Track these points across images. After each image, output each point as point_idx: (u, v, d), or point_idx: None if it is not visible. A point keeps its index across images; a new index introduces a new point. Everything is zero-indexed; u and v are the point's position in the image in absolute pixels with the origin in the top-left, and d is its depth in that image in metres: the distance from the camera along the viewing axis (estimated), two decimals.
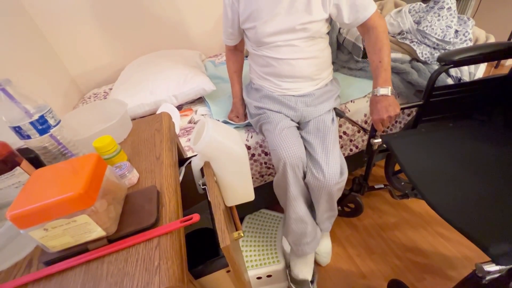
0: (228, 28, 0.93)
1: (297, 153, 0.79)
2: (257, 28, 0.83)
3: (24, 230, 0.32)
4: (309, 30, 0.82)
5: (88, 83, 1.54)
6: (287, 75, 0.89)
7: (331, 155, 0.79)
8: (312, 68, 0.88)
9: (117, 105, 0.66)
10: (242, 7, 0.84)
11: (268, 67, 0.90)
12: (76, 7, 1.31)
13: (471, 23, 1.06)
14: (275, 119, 0.87)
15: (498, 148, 0.78)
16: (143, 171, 0.51)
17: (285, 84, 0.91)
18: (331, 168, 0.78)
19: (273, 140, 0.83)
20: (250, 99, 0.99)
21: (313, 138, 0.84)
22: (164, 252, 0.36)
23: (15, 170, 0.43)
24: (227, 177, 0.54)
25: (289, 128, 0.86)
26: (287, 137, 0.82)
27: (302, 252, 0.91)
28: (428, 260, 1.01)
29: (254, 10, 0.82)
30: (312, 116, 0.89)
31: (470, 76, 1.06)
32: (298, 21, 0.80)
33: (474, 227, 0.58)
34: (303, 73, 0.88)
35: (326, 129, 0.85)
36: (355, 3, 0.79)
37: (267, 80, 0.93)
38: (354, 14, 0.80)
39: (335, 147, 0.82)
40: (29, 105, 0.43)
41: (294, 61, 0.86)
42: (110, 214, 0.38)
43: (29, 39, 1.20)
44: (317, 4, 0.79)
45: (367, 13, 0.79)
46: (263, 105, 0.92)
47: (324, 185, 0.79)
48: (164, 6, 1.46)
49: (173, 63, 1.25)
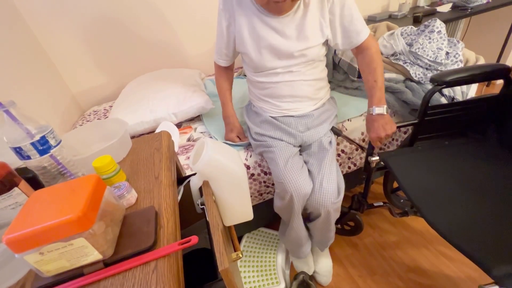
0: (222, 49, 0.91)
1: (303, 185, 0.79)
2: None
3: (19, 254, 0.32)
4: (307, 55, 0.83)
5: (88, 100, 1.56)
6: (286, 95, 0.89)
7: (329, 175, 0.80)
8: (311, 88, 0.90)
9: (117, 124, 0.67)
10: (239, 29, 0.83)
11: (267, 89, 0.90)
12: (78, 26, 1.35)
13: (460, 45, 1.11)
14: (278, 147, 0.86)
15: (494, 165, 0.79)
16: (141, 191, 0.51)
17: (284, 104, 0.91)
18: (328, 188, 0.79)
19: (279, 173, 0.81)
20: (251, 122, 0.98)
21: (312, 159, 0.86)
22: (161, 276, 0.35)
23: (12, 191, 0.43)
24: (226, 197, 0.54)
25: (294, 158, 0.84)
26: (293, 169, 0.80)
27: (298, 256, 1.01)
28: (431, 281, 0.98)
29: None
30: (312, 139, 0.89)
31: (462, 95, 1.09)
32: (296, 48, 0.81)
33: (476, 247, 0.58)
34: (302, 93, 0.89)
35: (325, 151, 0.85)
36: (348, 29, 0.82)
37: (266, 102, 0.93)
38: (347, 39, 0.83)
39: (333, 167, 0.82)
40: (31, 125, 0.43)
41: (293, 82, 0.87)
42: (108, 237, 0.37)
43: (31, 56, 1.23)
44: (314, 29, 0.80)
45: (360, 38, 0.82)
46: (264, 131, 0.91)
47: (321, 205, 0.80)
48: (162, 28, 1.51)
49: (173, 82, 1.28)
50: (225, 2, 0.82)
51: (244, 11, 0.80)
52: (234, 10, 0.81)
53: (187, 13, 1.52)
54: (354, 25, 0.81)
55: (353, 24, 0.81)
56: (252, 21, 0.80)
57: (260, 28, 0.80)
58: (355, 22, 0.81)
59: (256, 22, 0.80)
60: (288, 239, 0.94)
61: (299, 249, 0.97)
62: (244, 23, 0.81)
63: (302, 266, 1.03)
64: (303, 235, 0.91)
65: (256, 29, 0.80)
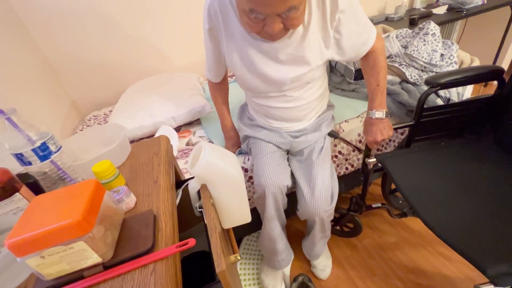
0: (212, 66, 0.84)
1: (276, 181, 0.79)
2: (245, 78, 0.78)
3: (21, 258, 0.32)
4: (302, 79, 0.76)
5: (88, 105, 1.57)
6: (279, 117, 0.87)
7: (321, 183, 0.80)
8: (305, 111, 0.86)
9: (116, 129, 0.68)
10: (228, 53, 0.76)
11: (259, 107, 0.88)
12: (78, 32, 1.37)
13: (455, 47, 1.12)
14: (261, 144, 0.87)
15: (489, 166, 0.79)
16: (140, 195, 0.52)
17: (276, 123, 0.89)
18: (320, 196, 0.79)
19: (256, 165, 0.84)
20: (243, 125, 0.96)
21: (303, 166, 0.85)
22: (159, 278, 0.36)
23: (14, 196, 0.44)
24: (223, 200, 0.55)
25: (274, 153, 0.85)
26: (271, 164, 0.82)
27: (273, 265, 0.96)
28: (430, 281, 0.99)
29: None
30: (303, 146, 0.87)
31: (458, 96, 1.11)
32: (289, 75, 0.73)
33: (472, 247, 0.59)
34: (295, 117, 0.87)
35: (316, 158, 0.84)
36: (357, 42, 0.74)
37: (259, 115, 0.92)
38: (355, 52, 0.76)
39: (325, 174, 0.81)
40: (32, 132, 0.44)
41: (286, 109, 0.83)
42: (107, 240, 0.38)
43: (31, 62, 1.24)
44: (312, 52, 0.71)
45: (366, 47, 0.75)
46: (254, 133, 0.90)
47: (315, 213, 0.80)
48: (161, 33, 1.53)
49: (172, 86, 1.29)
50: (211, 23, 0.73)
51: (232, 35, 0.72)
52: (222, 32, 0.73)
53: (186, 18, 1.54)
54: (362, 37, 0.73)
55: (361, 36, 0.73)
56: (243, 48, 0.72)
57: (251, 53, 0.72)
58: (362, 33, 0.73)
59: (246, 46, 0.72)
60: (262, 241, 0.92)
61: (273, 256, 0.92)
62: (234, 49, 0.74)
63: (269, 282, 0.97)
64: (277, 235, 0.87)
65: (246, 54, 0.73)
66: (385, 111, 0.82)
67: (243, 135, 0.96)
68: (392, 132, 0.83)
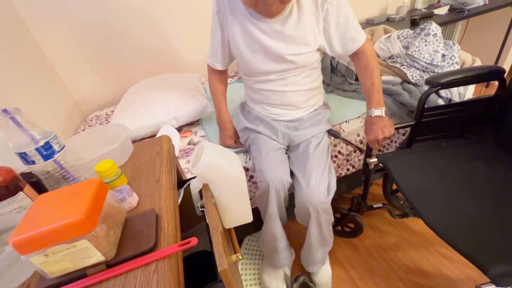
0: (217, 52, 0.90)
1: (280, 176, 0.82)
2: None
3: (25, 256, 0.33)
4: (298, 61, 0.82)
5: (90, 105, 1.58)
6: (276, 104, 0.92)
7: (317, 175, 0.81)
8: (302, 98, 0.91)
9: (119, 129, 0.68)
10: (232, 33, 0.83)
11: (258, 94, 0.92)
12: (80, 32, 1.37)
13: (456, 47, 1.12)
14: (263, 139, 0.90)
15: (491, 167, 0.79)
16: (142, 194, 0.52)
17: (274, 109, 0.93)
18: (315, 187, 0.79)
19: (259, 161, 0.86)
20: (244, 118, 1.00)
21: (299, 159, 0.87)
22: (162, 277, 0.36)
23: (18, 195, 0.44)
24: (225, 199, 0.55)
25: (276, 151, 0.88)
26: (274, 160, 0.84)
27: (274, 264, 0.95)
28: (432, 282, 0.99)
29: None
30: (300, 140, 0.91)
31: (460, 97, 1.10)
32: (286, 51, 0.80)
33: (474, 248, 0.59)
34: (293, 103, 0.91)
35: (313, 151, 0.86)
36: (344, 37, 0.81)
37: (257, 105, 0.96)
38: (344, 46, 0.83)
39: (321, 167, 0.83)
40: (35, 131, 0.45)
41: (285, 93, 0.89)
42: (110, 239, 0.38)
43: (33, 63, 1.25)
44: (306, 34, 0.79)
45: (355, 45, 0.82)
46: (255, 127, 0.94)
47: (309, 203, 0.80)
48: (162, 34, 1.53)
49: (173, 86, 1.29)
50: (218, 6, 0.82)
51: (236, 15, 0.81)
52: (227, 14, 0.81)
53: (186, 19, 1.54)
54: (350, 33, 0.81)
55: (349, 32, 0.81)
56: (244, 25, 0.80)
57: (253, 31, 0.80)
58: (351, 29, 0.80)
59: (248, 25, 0.80)
60: (263, 240, 0.92)
61: (274, 255, 0.92)
62: (237, 27, 0.82)
63: (271, 282, 0.97)
64: (279, 234, 0.87)
65: (248, 32, 0.81)
66: (384, 109, 0.82)
67: (243, 126, 0.98)
68: (393, 130, 0.83)
